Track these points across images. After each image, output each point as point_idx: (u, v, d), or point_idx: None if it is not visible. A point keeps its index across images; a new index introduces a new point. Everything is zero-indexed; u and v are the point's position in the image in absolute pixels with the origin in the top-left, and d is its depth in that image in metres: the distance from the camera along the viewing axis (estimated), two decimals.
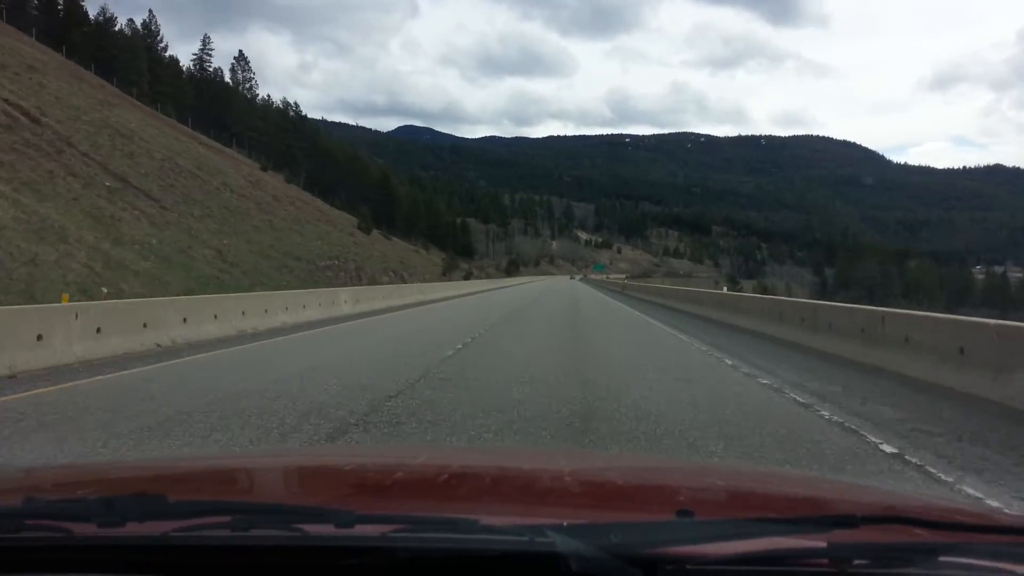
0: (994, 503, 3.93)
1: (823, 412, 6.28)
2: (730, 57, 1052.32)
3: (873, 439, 5.33)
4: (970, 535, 1.12)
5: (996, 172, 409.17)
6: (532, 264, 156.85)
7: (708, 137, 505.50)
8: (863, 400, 6.91)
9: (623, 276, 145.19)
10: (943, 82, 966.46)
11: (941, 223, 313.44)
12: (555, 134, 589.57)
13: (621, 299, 39.10)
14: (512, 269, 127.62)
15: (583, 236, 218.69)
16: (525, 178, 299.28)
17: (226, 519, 0.97)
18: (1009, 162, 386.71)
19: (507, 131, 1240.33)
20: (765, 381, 8.03)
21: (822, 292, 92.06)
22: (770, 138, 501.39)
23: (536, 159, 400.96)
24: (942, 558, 0.97)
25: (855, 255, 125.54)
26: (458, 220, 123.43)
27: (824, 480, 3.21)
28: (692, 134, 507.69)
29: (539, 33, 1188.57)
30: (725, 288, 48.04)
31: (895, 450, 5.01)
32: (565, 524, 0.97)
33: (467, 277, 79.30)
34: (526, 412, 5.95)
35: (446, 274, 72.44)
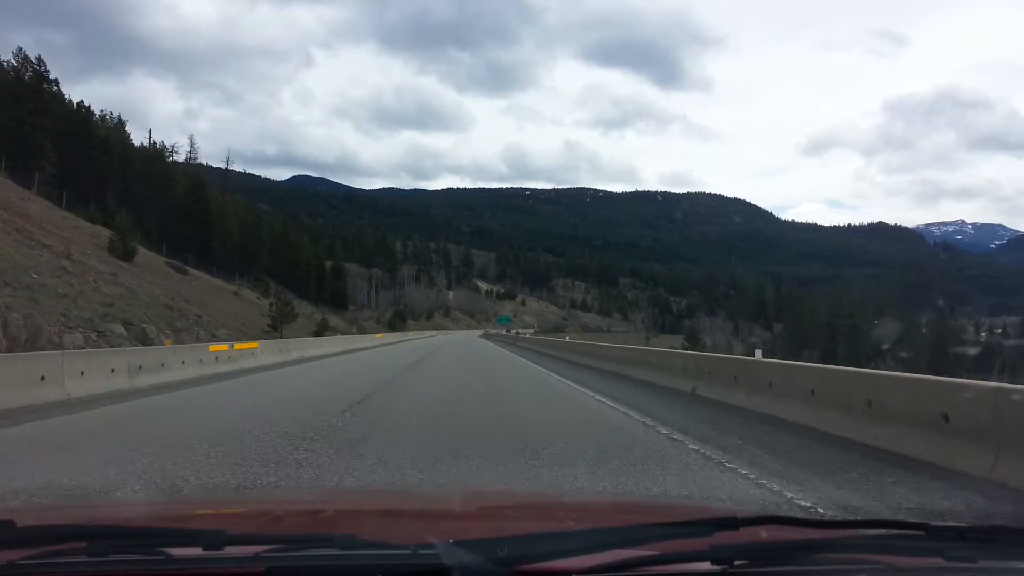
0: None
1: None
2: (620, 118, 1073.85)
3: None
4: (841, 531, 1.16)
5: (880, 229, 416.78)
6: (424, 317, 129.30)
7: (606, 192, 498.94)
8: None
9: (530, 330, 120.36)
10: (818, 147, 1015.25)
11: (834, 278, 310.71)
12: (454, 187, 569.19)
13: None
14: (397, 322, 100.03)
15: (484, 286, 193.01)
16: (422, 227, 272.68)
17: (82, 544, 0.89)
18: (891, 220, 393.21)
19: (405, 183, 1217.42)
20: None
21: (795, 351, 72.02)
22: (666, 194, 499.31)
23: (434, 209, 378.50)
24: (818, 555, 0.99)
25: (798, 309, 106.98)
26: (328, 263, 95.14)
27: (705, 500, 3.23)
28: (590, 189, 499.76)
29: (435, 88, 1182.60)
30: (756, 352, 23.83)
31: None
32: (451, 541, 0.92)
33: (320, 332, 51.64)
34: None
35: (276, 327, 44.85)
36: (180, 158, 67.62)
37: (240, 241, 63.84)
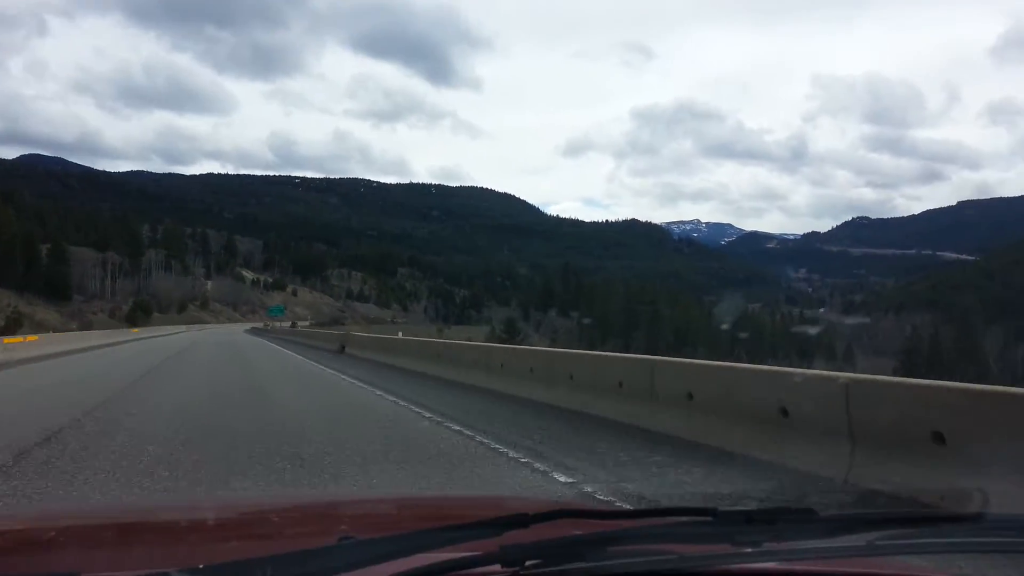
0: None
1: None
2: (392, 110, 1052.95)
3: None
4: (632, 521, 1.12)
5: (632, 225, 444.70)
6: (175, 309, 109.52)
7: (379, 183, 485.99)
8: None
9: (306, 323, 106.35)
10: (576, 149, 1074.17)
11: (598, 269, 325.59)
12: (215, 172, 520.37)
13: None
14: (139, 316, 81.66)
15: (249, 275, 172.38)
16: (178, 213, 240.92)
17: None
18: (642, 217, 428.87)
19: (157, 167, 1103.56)
20: None
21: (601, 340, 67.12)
22: (440, 187, 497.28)
23: (191, 195, 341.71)
24: (611, 548, 0.95)
25: (597, 297, 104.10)
26: (44, 246, 74.84)
27: (501, 497, 2.99)
28: (363, 180, 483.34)
29: (192, 67, 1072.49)
30: None
31: None
32: (201, 567, 0.82)
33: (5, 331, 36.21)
34: None
35: None
36: None
37: None
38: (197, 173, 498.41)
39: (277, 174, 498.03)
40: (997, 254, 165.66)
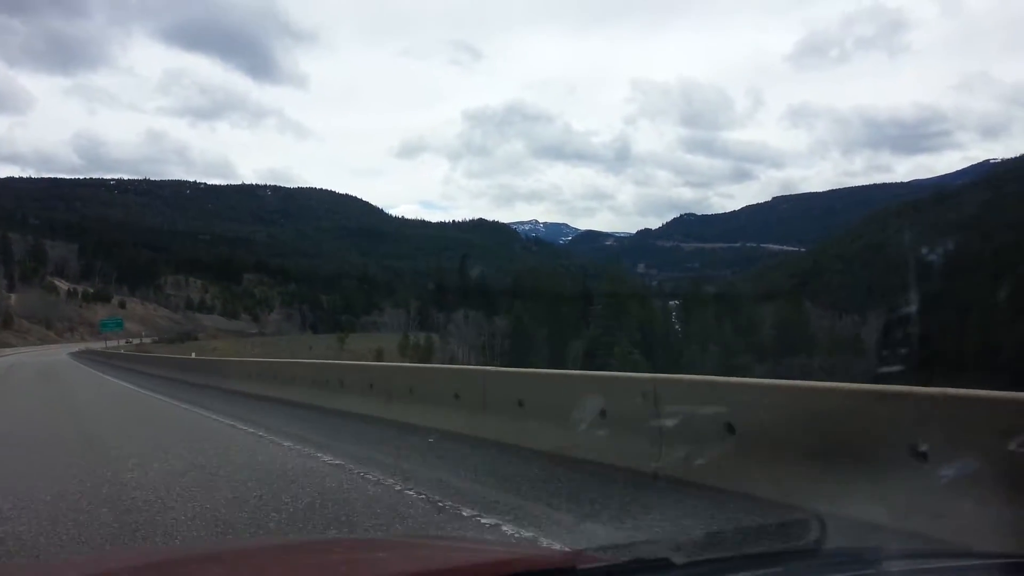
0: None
1: None
2: (211, 108, 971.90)
3: None
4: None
5: (480, 225, 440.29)
6: None
7: (207, 185, 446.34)
8: None
9: (141, 339, 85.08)
10: (410, 151, 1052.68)
11: (454, 271, 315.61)
12: (13, 176, 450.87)
13: None
14: None
15: (64, 286, 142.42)
16: None
17: None
18: (490, 217, 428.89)
19: None
20: None
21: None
22: (275, 188, 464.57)
23: None
24: None
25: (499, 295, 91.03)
26: None
27: (478, 543, 3.04)
28: (189, 182, 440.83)
29: None
30: None
31: None
32: None
33: None
34: None
35: None
36: None
37: None
38: None
39: (87, 177, 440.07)
40: (829, 244, 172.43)
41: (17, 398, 17.22)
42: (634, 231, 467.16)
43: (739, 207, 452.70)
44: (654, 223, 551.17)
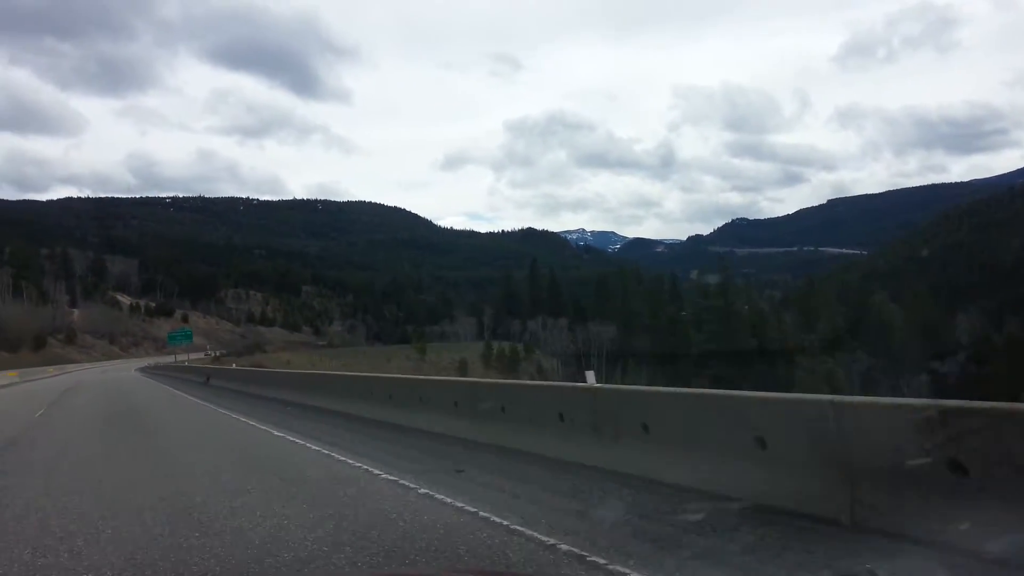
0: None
1: None
2: (258, 126, 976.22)
3: None
4: None
5: (531, 234, 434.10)
6: (29, 347, 79.00)
7: (260, 201, 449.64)
8: None
9: (211, 352, 79.53)
10: (453, 163, 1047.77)
11: (503, 280, 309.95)
12: (71, 196, 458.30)
13: None
14: None
15: (126, 300, 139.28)
16: (35, 238, 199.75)
17: None
18: (539, 226, 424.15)
19: (8, 194, 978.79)
20: None
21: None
22: (326, 202, 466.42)
23: (50, 219, 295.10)
24: None
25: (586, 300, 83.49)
26: None
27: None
28: (242, 198, 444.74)
29: (33, 83, 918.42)
30: None
31: None
32: None
33: None
34: None
35: None
36: None
37: None
38: (54, 198, 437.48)
39: (142, 196, 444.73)
40: (896, 245, 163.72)
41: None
42: (684, 237, 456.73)
43: (791, 211, 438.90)
44: (703, 229, 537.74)
